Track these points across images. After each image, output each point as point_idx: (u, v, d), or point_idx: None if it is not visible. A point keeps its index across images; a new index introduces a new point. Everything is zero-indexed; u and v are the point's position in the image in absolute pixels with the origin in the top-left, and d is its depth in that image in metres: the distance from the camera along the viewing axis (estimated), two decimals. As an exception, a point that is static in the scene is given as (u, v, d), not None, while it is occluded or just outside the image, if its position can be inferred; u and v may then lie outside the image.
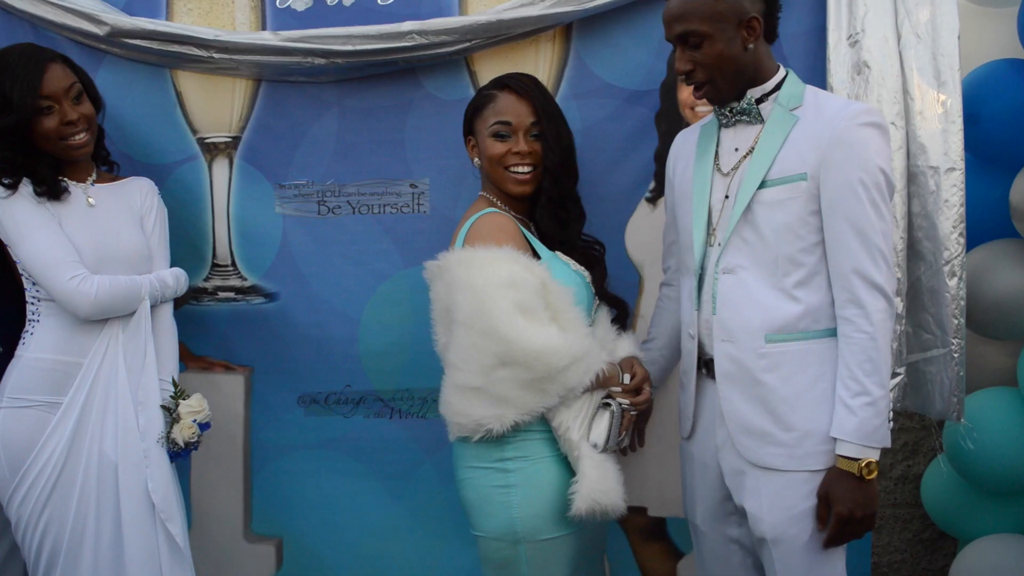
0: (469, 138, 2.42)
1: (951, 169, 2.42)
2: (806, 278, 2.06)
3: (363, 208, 2.80)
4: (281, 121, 2.80)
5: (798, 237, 2.04)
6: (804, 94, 2.12)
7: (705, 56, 2.06)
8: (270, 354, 2.86)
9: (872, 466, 1.97)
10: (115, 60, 2.80)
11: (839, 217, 2.01)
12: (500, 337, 2.09)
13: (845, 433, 1.98)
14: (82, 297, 2.32)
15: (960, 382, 2.45)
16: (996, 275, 2.78)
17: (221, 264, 2.87)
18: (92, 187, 2.51)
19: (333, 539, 2.87)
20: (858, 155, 2.00)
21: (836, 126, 2.02)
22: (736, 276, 2.10)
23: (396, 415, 2.83)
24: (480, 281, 2.13)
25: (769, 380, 2.07)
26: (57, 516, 2.33)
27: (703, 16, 2.04)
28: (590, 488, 2.14)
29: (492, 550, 2.23)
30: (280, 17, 2.77)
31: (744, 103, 2.12)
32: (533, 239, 2.32)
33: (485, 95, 2.38)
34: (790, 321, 2.06)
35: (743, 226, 2.09)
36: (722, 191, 2.16)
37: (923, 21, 2.44)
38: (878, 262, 2.00)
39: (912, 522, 3.56)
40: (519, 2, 2.62)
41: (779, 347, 2.07)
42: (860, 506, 1.97)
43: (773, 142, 2.08)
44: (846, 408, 1.99)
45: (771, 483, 2.06)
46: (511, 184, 2.33)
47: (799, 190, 2.04)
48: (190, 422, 2.40)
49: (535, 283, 2.16)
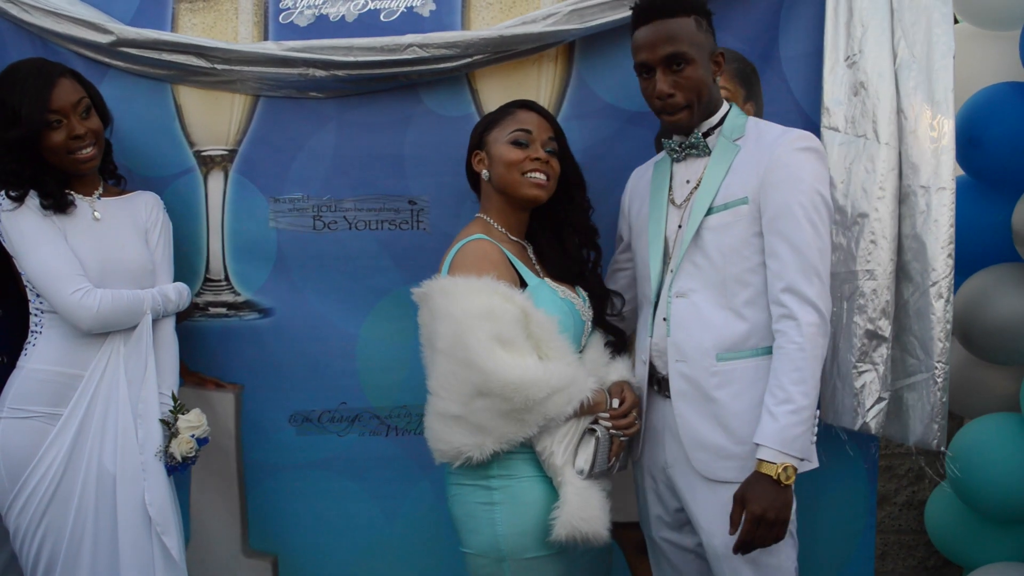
0: (477, 152, 2.41)
1: (941, 189, 2.42)
2: (753, 297, 2.16)
3: (360, 224, 2.79)
4: (278, 134, 2.80)
5: (743, 258, 2.16)
6: (746, 125, 2.25)
7: (687, 80, 2.17)
8: (261, 372, 2.83)
9: (789, 472, 2.03)
10: (118, 74, 2.81)
11: (776, 235, 2.12)
12: (478, 368, 2.11)
13: (765, 438, 2.05)
14: (85, 310, 2.34)
15: (942, 408, 2.43)
16: (997, 300, 2.80)
17: (214, 279, 2.86)
18: (98, 201, 2.53)
19: (329, 556, 2.84)
20: (795, 177, 2.12)
21: (774, 151, 2.14)
22: (688, 299, 2.21)
23: (392, 432, 2.81)
24: (459, 312, 2.14)
25: (721, 396, 2.16)
26: (55, 526, 2.34)
27: (690, 41, 2.17)
28: (570, 515, 2.14)
29: (478, 567, 2.24)
30: (283, 32, 2.79)
31: (693, 137, 2.25)
32: (521, 266, 2.32)
33: (502, 110, 2.41)
34: (739, 340, 2.16)
35: (693, 251, 2.21)
36: (676, 222, 2.27)
37: (919, 42, 2.47)
38: (811, 278, 2.09)
39: (917, 549, 3.53)
40: (521, 19, 2.65)
41: (730, 365, 2.17)
42: (773, 508, 2.03)
43: (718, 171, 2.20)
44: (770, 415, 2.06)
45: (725, 496, 2.12)
46: (527, 187, 2.32)
47: (741, 213, 2.16)
48: (188, 437, 2.40)
49: (515, 313, 2.17)
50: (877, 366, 2.49)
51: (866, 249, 2.48)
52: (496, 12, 2.73)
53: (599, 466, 2.20)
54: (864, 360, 2.49)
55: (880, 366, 2.48)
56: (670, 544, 2.37)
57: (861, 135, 2.51)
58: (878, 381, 2.48)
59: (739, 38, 2.66)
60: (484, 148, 2.39)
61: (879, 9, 2.51)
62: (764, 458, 2.05)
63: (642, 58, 2.20)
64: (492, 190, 2.39)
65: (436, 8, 2.73)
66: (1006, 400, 2.92)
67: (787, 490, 2.05)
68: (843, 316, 2.52)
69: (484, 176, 2.38)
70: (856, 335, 2.49)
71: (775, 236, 2.11)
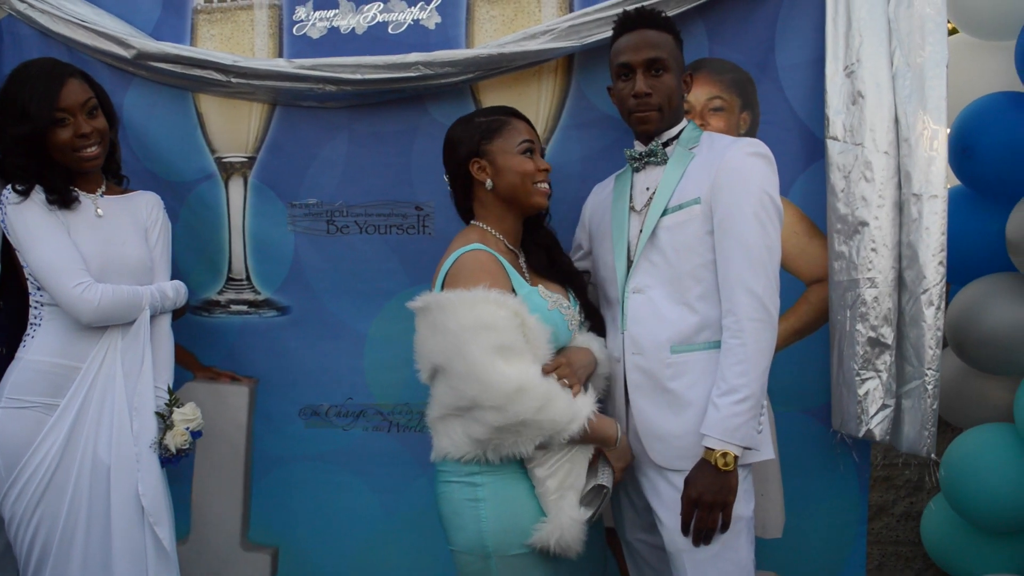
0: (475, 160, 2.34)
1: (933, 196, 2.40)
2: (706, 293, 2.20)
3: (370, 228, 2.84)
4: (293, 143, 2.87)
5: (696, 255, 2.21)
6: (701, 137, 2.33)
7: (664, 85, 2.28)
8: (275, 367, 2.90)
9: (729, 458, 2.08)
10: (143, 83, 2.90)
11: (726, 233, 2.16)
12: (475, 379, 2.09)
13: (708, 427, 2.11)
14: (85, 304, 2.37)
15: (932, 415, 2.41)
16: (991, 309, 2.73)
17: (236, 278, 2.93)
18: (101, 198, 2.56)
19: (328, 550, 2.88)
20: (744, 179, 2.18)
21: (725, 156, 2.21)
22: (644, 295, 2.26)
23: (395, 428, 2.85)
24: (456, 325, 2.13)
25: (675, 387, 2.20)
26: (49, 515, 2.36)
27: (670, 52, 2.29)
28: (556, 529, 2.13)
29: (464, 564, 2.22)
30: (296, 44, 2.86)
31: (652, 145, 2.33)
32: (515, 274, 2.29)
33: (496, 119, 2.37)
34: (692, 333, 2.20)
35: (650, 250, 2.26)
36: (637, 226, 2.33)
37: (914, 51, 2.44)
38: (758, 274, 2.13)
39: (914, 560, 3.45)
40: (521, 36, 2.66)
41: (683, 357, 2.21)
42: (709, 492, 2.09)
43: (674, 176, 2.28)
44: (713, 405, 2.12)
45: (681, 486, 2.16)
46: (537, 196, 2.34)
47: (694, 213, 2.21)
48: (183, 429, 2.43)
49: (512, 320, 2.15)
50: (880, 373, 2.47)
51: (867, 257, 2.47)
52: (499, 25, 2.75)
53: (597, 514, 2.20)
54: (867, 368, 2.48)
55: (883, 373, 2.46)
56: (644, 544, 2.39)
57: (859, 144, 2.48)
58: (881, 388, 2.47)
59: (736, 48, 2.64)
60: (485, 157, 2.34)
61: (876, 19, 2.48)
62: (706, 445, 2.11)
63: (625, 59, 2.29)
64: (493, 198, 2.34)
65: (441, 21, 2.77)
66: (1001, 410, 2.83)
67: (727, 476, 2.09)
68: (846, 324, 2.50)
69: (488, 185, 2.33)
70: (859, 343, 2.48)
71: (725, 234, 2.16)
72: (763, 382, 2.13)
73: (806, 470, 2.66)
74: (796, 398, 2.64)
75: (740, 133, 2.64)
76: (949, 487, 2.81)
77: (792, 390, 2.61)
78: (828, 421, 2.63)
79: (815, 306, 2.64)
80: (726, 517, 2.12)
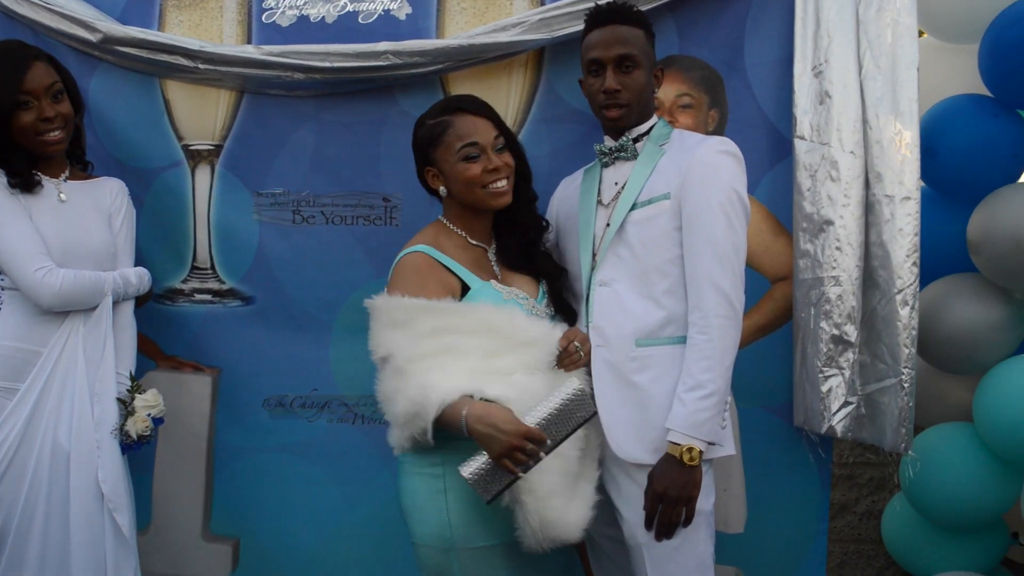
0: (428, 169, 2.31)
1: (906, 198, 2.41)
2: (672, 288, 2.21)
3: (336, 219, 2.81)
4: (261, 132, 2.82)
5: (664, 249, 2.21)
6: (671, 134, 2.33)
7: (634, 82, 2.26)
8: (239, 356, 2.86)
9: (694, 453, 2.09)
10: (109, 68, 2.85)
11: (695, 230, 2.17)
12: (395, 381, 2.14)
13: (674, 423, 2.11)
14: (46, 288, 2.34)
15: (909, 413, 2.42)
16: (953, 309, 2.76)
17: (201, 267, 2.89)
18: (64, 183, 2.53)
19: (291, 542, 2.84)
20: (713, 176, 2.18)
21: (695, 153, 2.21)
22: (610, 288, 2.26)
23: (359, 420, 2.82)
24: (379, 327, 2.20)
25: (640, 381, 2.20)
26: (7, 499, 2.32)
27: (641, 48, 2.27)
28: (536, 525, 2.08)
29: (426, 557, 2.19)
30: (265, 32, 2.81)
31: (623, 140, 2.32)
32: (464, 271, 2.25)
33: (438, 123, 2.27)
34: (657, 327, 2.20)
35: (617, 243, 2.26)
36: (604, 220, 2.32)
37: (884, 54, 2.46)
38: (726, 271, 2.14)
39: (876, 559, 3.48)
40: (492, 27, 2.65)
41: (648, 351, 2.20)
42: (675, 487, 2.09)
43: (643, 171, 2.27)
44: (679, 401, 2.12)
45: (643, 480, 2.15)
46: (491, 199, 2.26)
47: (663, 208, 2.21)
48: (144, 415, 2.40)
49: (433, 326, 2.15)
50: (843, 371, 2.49)
51: (832, 256, 2.48)
52: (470, 16, 2.73)
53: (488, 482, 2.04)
54: (830, 365, 2.50)
55: (847, 371, 2.48)
56: (606, 538, 2.37)
57: (825, 143, 2.49)
58: (844, 385, 2.48)
59: (705, 46, 2.64)
60: (436, 165, 2.29)
61: (845, 20, 2.50)
62: (672, 440, 2.11)
63: (595, 55, 2.27)
64: (452, 200, 2.31)
65: (412, 12, 2.74)
66: (962, 410, 2.85)
67: (692, 470, 2.10)
68: (810, 321, 2.52)
69: (442, 192, 2.30)
70: (823, 340, 2.49)
71: (693, 230, 2.16)
72: (728, 378, 2.14)
73: (768, 466, 2.67)
74: (759, 395, 2.64)
75: (708, 131, 2.64)
76: (909, 485, 2.82)
77: (755, 386, 2.61)
78: (790, 418, 2.64)
79: (779, 303, 2.65)
80: (690, 512, 2.12)
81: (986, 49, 2.70)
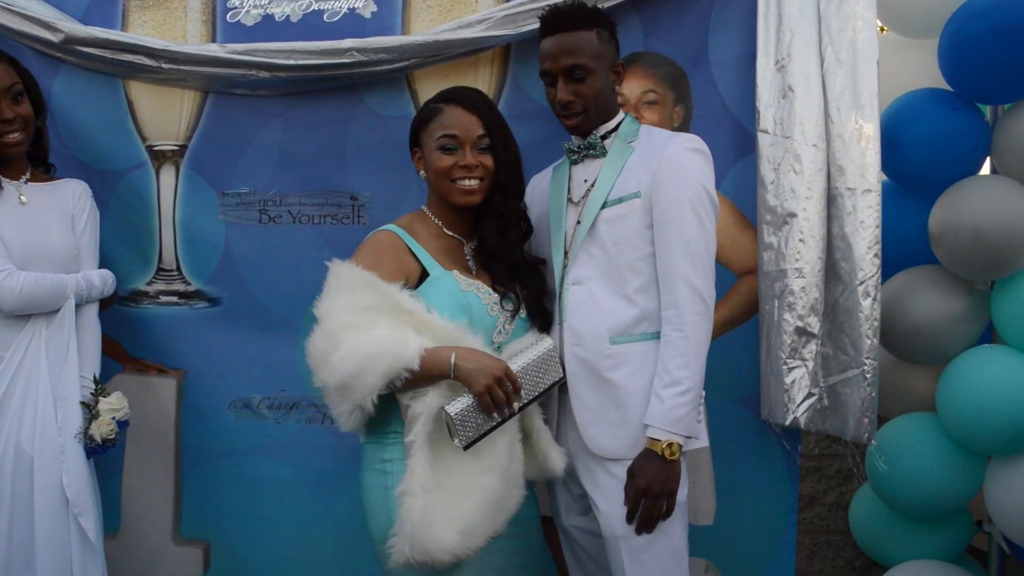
0: (415, 150, 2.32)
1: (867, 191, 2.42)
2: (644, 285, 2.21)
3: (303, 218, 2.79)
4: (226, 131, 2.80)
5: (635, 248, 2.21)
6: (639, 131, 2.31)
7: (587, 89, 2.23)
8: (206, 358, 2.83)
9: (674, 448, 2.10)
10: (71, 69, 2.81)
11: (666, 227, 2.17)
12: (322, 344, 2.12)
13: (653, 419, 2.12)
14: (7, 292, 2.31)
15: (872, 403, 2.43)
16: (915, 301, 2.77)
17: (166, 268, 2.86)
18: (25, 185, 2.50)
19: (261, 544, 2.82)
20: (683, 173, 2.18)
21: (664, 150, 2.20)
22: (584, 287, 2.25)
23: (328, 420, 2.74)
24: (329, 291, 2.17)
25: (615, 377, 2.20)
26: None
27: (592, 53, 2.22)
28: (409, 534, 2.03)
29: (381, 553, 2.12)
30: (230, 31, 2.79)
31: (591, 138, 2.30)
32: (428, 257, 2.23)
33: (431, 108, 2.28)
34: (630, 324, 2.21)
35: (589, 242, 2.25)
36: (575, 217, 2.31)
37: (845, 48, 2.46)
38: (698, 268, 2.15)
39: (844, 549, 3.50)
40: (457, 24, 2.63)
41: (622, 348, 2.20)
42: (658, 481, 2.11)
43: (613, 169, 2.26)
44: (657, 397, 2.13)
45: (620, 474, 2.16)
46: (457, 195, 2.23)
47: (634, 207, 2.21)
48: (109, 419, 2.37)
49: (374, 302, 2.12)
50: (807, 362, 2.49)
51: (795, 248, 2.49)
52: (435, 15, 2.71)
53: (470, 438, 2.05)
54: (794, 356, 2.50)
55: (810, 362, 2.49)
56: (579, 530, 2.37)
57: (788, 137, 2.50)
58: (807, 377, 2.49)
59: (669, 42, 2.64)
60: (421, 147, 2.29)
61: (806, 15, 2.51)
62: (652, 436, 2.11)
63: (546, 67, 2.26)
64: (431, 187, 2.29)
65: (377, 10, 2.72)
66: (925, 400, 2.86)
67: (673, 464, 2.11)
68: (774, 313, 2.52)
69: (422, 176, 2.30)
70: (786, 332, 2.50)
71: (664, 228, 2.17)
72: (703, 373, 2.15)
73: (737, 459, 2.67)
74: (727, 387, 2.64)
75: (674, 127, 2.64)
76: (875, 476, 2.84)
77: (723, 379, 2.60)
78: (758, 410, 2.64)
79: (745, 297, 2.65)
80: (671, 505, 2.13)
81: (945, 44, 2.72)
